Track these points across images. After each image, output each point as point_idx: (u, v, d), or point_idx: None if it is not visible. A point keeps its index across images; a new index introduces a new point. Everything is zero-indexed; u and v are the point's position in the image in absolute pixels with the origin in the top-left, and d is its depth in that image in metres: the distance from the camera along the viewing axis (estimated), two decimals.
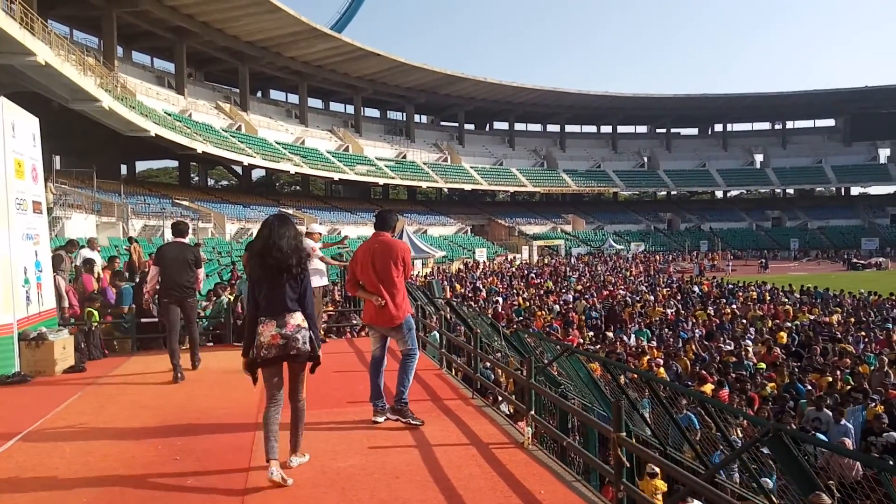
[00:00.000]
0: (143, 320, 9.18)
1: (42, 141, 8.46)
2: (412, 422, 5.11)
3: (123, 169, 46.13)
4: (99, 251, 12.95)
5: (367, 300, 5.37)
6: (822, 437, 8.00)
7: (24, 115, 8.00)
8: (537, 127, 78.54)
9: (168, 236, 26.99)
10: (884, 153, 74.16)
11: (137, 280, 10.54)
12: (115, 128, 31.38)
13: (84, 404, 6.16)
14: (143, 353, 9.06)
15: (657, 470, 6.33)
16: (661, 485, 6.65)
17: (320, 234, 9.21)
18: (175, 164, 55.20)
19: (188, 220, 33.60)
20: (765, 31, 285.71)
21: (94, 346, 8.55)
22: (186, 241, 7.63)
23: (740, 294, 26.59)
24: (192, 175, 56.60)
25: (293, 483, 4.06)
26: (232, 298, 10.81)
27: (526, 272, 39.56)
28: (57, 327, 8.02)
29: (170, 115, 38.91)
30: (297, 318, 4.24)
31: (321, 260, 8.88)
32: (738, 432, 7.38)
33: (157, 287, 7.37)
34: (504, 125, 75.60)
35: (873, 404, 9.40)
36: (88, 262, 9.36)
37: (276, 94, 60.82)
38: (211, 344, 10.39)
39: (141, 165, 56.59)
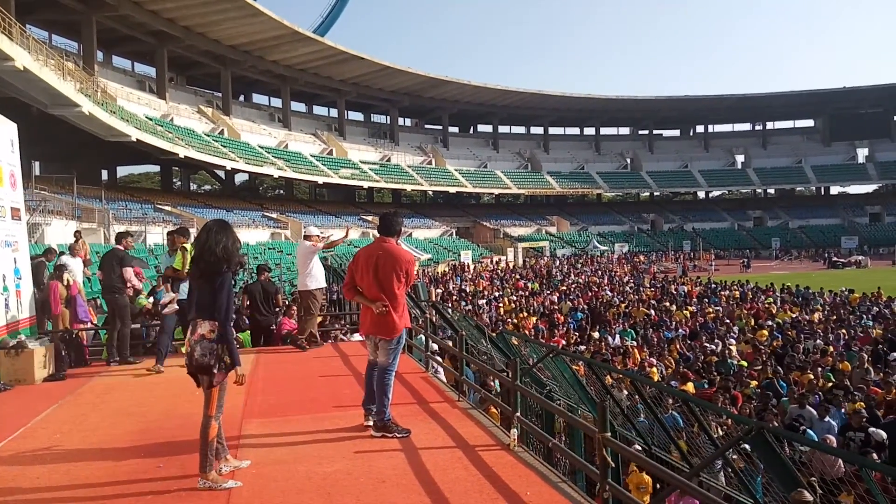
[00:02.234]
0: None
1: (21, 147, 8.36)
2: (398, 435, 5.01)
3: (104, 174, 45.65)
4: (77, 256, 12.76)
5: (365, 307, 5.24)
6: (811, 433, 8.09)
7: (2, 120, 7.90)
8: (521, 129, 78.86)
9: (150, 242, 26.41)
10: (862, 153, 75.25)
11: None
12: (95, 133, 31.05)
13: (65, 413, 6.08)
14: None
15: None
16: (647, 477, 6.71)
17: (318, 235, 9.24)
18: (157, 168, 54.76)
19: (170, 225, 33.35)
20: (744, 31, 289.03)
21: (75, 354, 8.44)
22: (121, 247, 8.56)
23: (722, 293, 26.83)
24: (174, 180, 56.16)
25: (278, 488, 4.04)
26: None
27: (510, 275, 39.66)
28: (37, 335, 7.91)
29: (151, 119, 38.57)
30: (204, 328, 4.10)
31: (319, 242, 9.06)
32: (720, 430, 7.44)
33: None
34: (488, 128, 75.80)
35: (855, 402, 9.52)
36: (58, 269, 9.15)
37: (258, 98, 60.57)
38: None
39: (122, 171, 56.06)
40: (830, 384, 10.70)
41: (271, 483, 4.14)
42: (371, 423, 5.19)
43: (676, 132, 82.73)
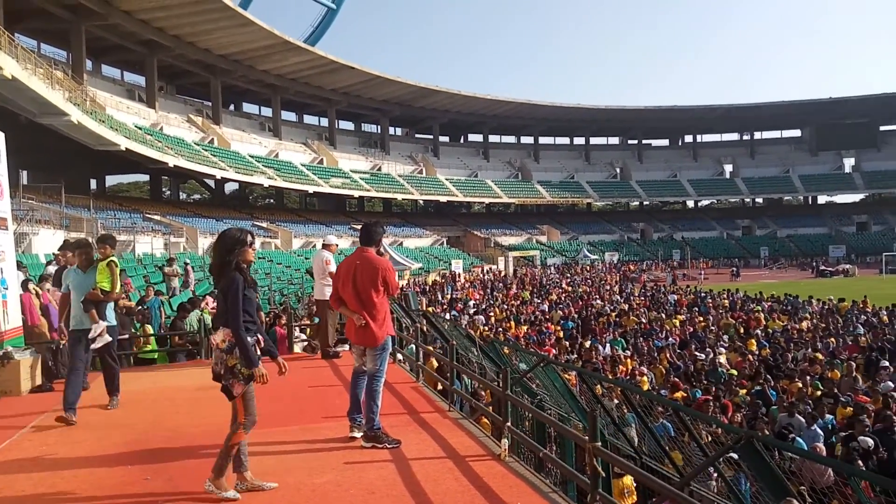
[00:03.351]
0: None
1: (8, 156, 8.30)
2: (388, 446, 4.99)
3: (93, 183, 45.37)
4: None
5: (349, 317, 5.28)
6: (801, 441, 8.09)
7: None
8: (511, 139, 79.17)
9: (139, 251, 26.06)
10: (849, 162, 76.07)
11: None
12: (84, 142, 30.89)
13: (51, 424, 6.01)
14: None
15: None
16: (629, 481, 6.72)
17: (337, 245, 9.20)
18: (146, 178, 54.51)
19: (160, 235, 33.14)
20: (731, 42, 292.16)
21: (62, 365, 8.34)
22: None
23: (710, 302, 26.89)
24: (163, 189, 55.89)
25: (267, 500, 4.01)
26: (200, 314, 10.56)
27: (502, 283, 39.68)
28: (23, 346, 7.83)
29: (140, 128, 38.42)
30: (218, 337, 4.11)
31: (332, 276, 8.81)
32: (710, 439, 7.45)
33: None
34: (479, 137, 76.07)
35: (846, 408, 9.56)
36: (24, 282, 8.77)
37: (249, 108, 60.53)
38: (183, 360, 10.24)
39: (111, 180, 55.73)
40: (819, 392, 10.75)
41: (260, 494, 4.11)
42: (357, 434, 5.17)
43: (665, 142, 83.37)
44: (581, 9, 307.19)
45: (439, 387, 7.51)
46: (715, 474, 6.14)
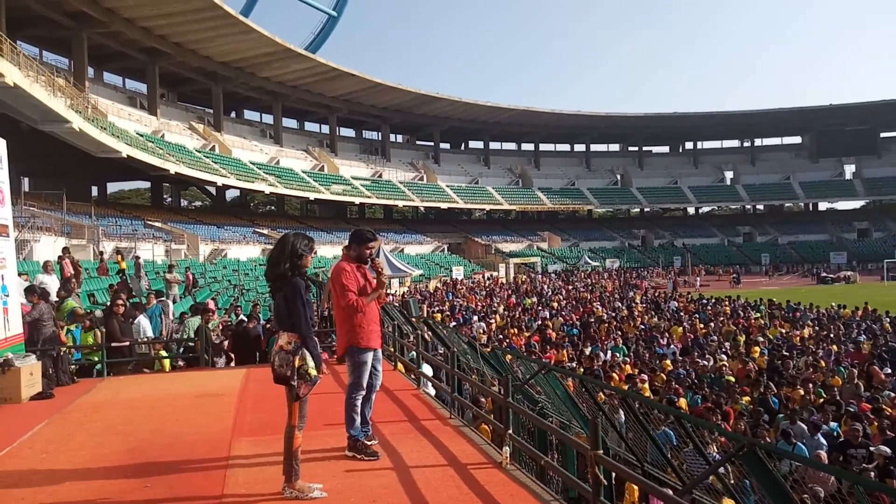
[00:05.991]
0: (113, 345, 9.00)
1: (10, 163, 8.31)
2: (365, 458, 4.88)
3: (94, 190, 45.43)
4: (53, 274, 12.74)
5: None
6: (802, 447, 8.05)
7: None
8: (512, 146, 79.28)
9: (141, 259, 26.12)
10: (849, 169, 76.11)
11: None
12: (85, 149, 30.95)
13: (52, 432, 6.00)
14: (113, 378, 8.87)
15: None
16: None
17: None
18: (147, 185, 54.62)
19: (161, 242, 33.15)
20: (731, 48, 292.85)
21: (62, 372, 8.34)
22: None
23: (710, 310, 26.82)
24: (164, 196, 55.99)
25: None
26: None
27: (503, 290, 39.64)
28: (24, 353, 7.82)
29: (142, 135, 38.50)
30: (283, 339, 4.21)
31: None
32: (714, 448, 7.41)
33: None
34: (479, 144, 76.17)
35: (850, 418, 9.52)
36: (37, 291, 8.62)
37: (250, 115, 60.59)
38: (181, 364, 10.24)
39: (112, 187, 55.79)
40: (822, 400, 10.71)
41: (262, 502, 4.09)
42: (369, 444, 5.16)
43: (666, 149, 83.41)
44: (583, 16, 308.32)
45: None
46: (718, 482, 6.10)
